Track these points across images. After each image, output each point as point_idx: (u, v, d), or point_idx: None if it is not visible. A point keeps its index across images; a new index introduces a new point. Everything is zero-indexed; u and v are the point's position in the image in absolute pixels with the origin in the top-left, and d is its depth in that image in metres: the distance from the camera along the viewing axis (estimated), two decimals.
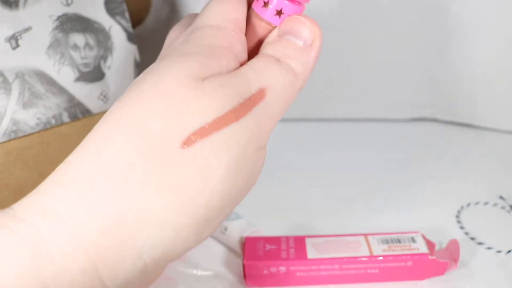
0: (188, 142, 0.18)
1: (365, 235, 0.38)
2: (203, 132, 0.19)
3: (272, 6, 0.24)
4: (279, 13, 0.24)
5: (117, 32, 0.39)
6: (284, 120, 0.65)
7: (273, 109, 0.22)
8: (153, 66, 0.21)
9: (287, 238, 0.38)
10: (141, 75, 0.21)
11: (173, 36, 0.25)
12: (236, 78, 0.21)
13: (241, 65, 0.23)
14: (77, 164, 0.19)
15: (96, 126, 0.20)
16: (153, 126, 0.18)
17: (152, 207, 0.18)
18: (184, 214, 0.19)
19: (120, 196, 0.18)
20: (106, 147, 0.18)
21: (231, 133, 0.19)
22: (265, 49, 0.24)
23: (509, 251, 0.40)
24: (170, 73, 0.20)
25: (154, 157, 0.18)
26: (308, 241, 0.38)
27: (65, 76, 0.36)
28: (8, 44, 0.33)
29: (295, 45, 0.23)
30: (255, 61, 0.22)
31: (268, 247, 0.37)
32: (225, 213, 0.21)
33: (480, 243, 0.41)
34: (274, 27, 0.25)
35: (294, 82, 0.23)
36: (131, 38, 0.40)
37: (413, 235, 0.38)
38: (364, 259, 0.36)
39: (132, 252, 0.18)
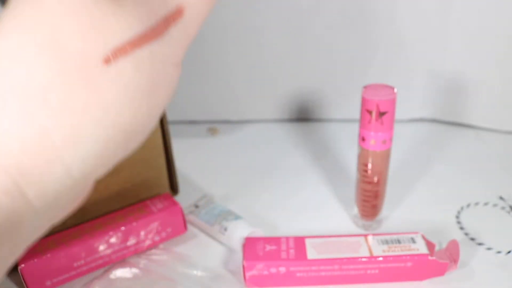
0: (109, 58, 0.18)
1: (365, 235, 0.38)
2: (125, 49, 0.19)
3: None
4: None
5: None
6: (284, 120, 0.65)
7: (190, 25, 0.21)
8: None
9: (287, 238, 0.39)
10: None
11: None
12: None
13: None
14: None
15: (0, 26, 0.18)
16: (71, 45, 0.18)
17: (79, 125, 0.18)
18: (112, 128, 0.19)
19: (41, 116, 0.17)
20: (20, 64, 0.18)
21: (152, 50, 0.19)
22: None
23: (509, 252, 0.40)
24: None
25: (76, 75, 0.18)
26: (308, 242, 0.38)
27: None
28: None
29: None
30: None
31: (268, 247, 0.37)
32: (150, 124, 0.21)
33: (480, 244, 0.41)
34: None
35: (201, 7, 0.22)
36: None
37: (413, 235, 0.38)
38: (364, 259, 0.36)
39: (59, 169, 0.18)
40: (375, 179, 0.40)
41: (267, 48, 0.60)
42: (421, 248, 0.37)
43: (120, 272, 0.39)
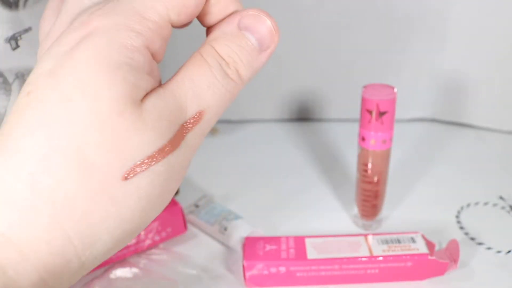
0: (129, 176, 0.19)
1: (365, 235, 0.38)
2: (143, 165, 0.19)
3: None
4: None
5: None
6: (284, 120, 0.65)
7: (206, 127, 0.21)
8: (79, 73, 0.18)
9: (287, 238, 0.39)
10: (65, 85, 0.18)
11: (47, 26, 0.23)
12: (172, 99, 0.20)
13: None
14: (15, 186, 0.18)
15: (19, 129, 0.18)
16: (94, 159, 0.18)
17: (97, 234, 0.19)
18: (123, 233, 0.20)
19: (66, 224, 0.18)
20: (48, 172, 0.18)
21: (167, 163, 0.20)
22: (217, 42, 0.21)
23: (509, 251, 0.40)
24: (104, 95, 0.18)
25: (97, 189, 0.18)
26: (308, 241, 0.38)
27: None
28: (8, 45, 0.33)
29: (251, 47, 0.21)
30: (198, 73, 0.20)
31: (268, 247, 0.37)
32: (155, 216, 0.22)
33: (480, 243, 0.41)
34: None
35: (235, 90, 0.22)
36: None
37: (413, 235, 0.38)
38: (364, 259, 0.36)
39: (76, 265, 0.19)
40: (375, 179, 0.40)
41: None
42: (421, 248, 0.37)
43: (120, 272, 0.39)
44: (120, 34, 0.19)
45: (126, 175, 0.19)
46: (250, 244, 0.38)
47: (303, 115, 0.65)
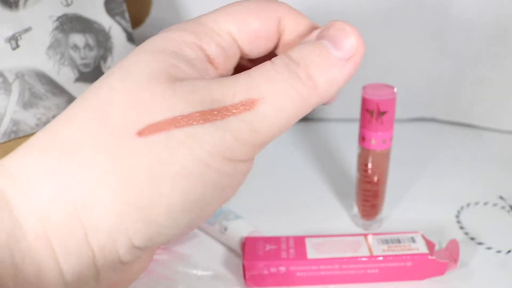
0: (143, 132, 0.18)
1: (365, 235, 0.38)
2: (160, 126, 0.18)
3: None
4: None
5: (117, 32, 0.39)
6: None
7: (263, 124, 0.19)
8: (123, 59, 0.20)
9: (287, 238, 0.39)
10: (110, 69, 0.20)
11: None
12: (217, 84, 0.19)
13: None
14: (41, 140, 0.19)
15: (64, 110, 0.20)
16: (112, 113, 0.18)
17: (95, 190, 0.18)
18: (127, 203, 0.18)
19: (69, 169, 0.18)
20: (64, 125, 0.19)
21: (193, 134, 0.18)
22: (292, 49, 0.20)
23: (509, 251, 0.40)
24: (138, 68, 0.19)
25: (108, 142, 0.18)
26: (308, 241, 0.38)
27: (65, 77, 0.36)
28: (8, 45, 0.33)
29: (328, 54, 0.20)
30: (259, 67, 0.19)
31: (268, 247, 0.37)
32: (187, 218, 0.19)
33: (480, 243, 0.41)
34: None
35: (308, 97, 0.19)
36: (131, 38, 0.40)
37: (413, 235, 0.38)
38: (364, 259, 0.36)
39: (78, 229, 0.18)
40: (375, 178, 0.40)
41: None
42: (421, 247, 0.37)
43: None
44: (174, 33, 0.20)
45: (141, 132, 0.18)
46: (250, 244, 0.38)
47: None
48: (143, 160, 0.18)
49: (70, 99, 0.36)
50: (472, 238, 0.41)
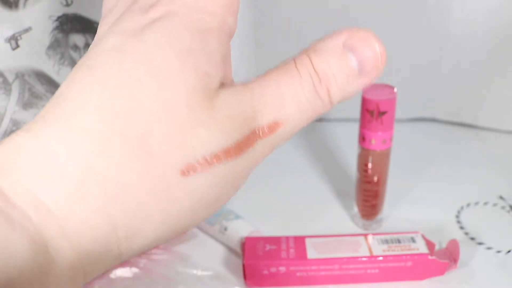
0: (188, 170, 0.17)
1: (365, 235, 0.38)
2: (205, 163, 0.17)
3: None
4: None
5: None
6: None
7: (278, 140, 0.19)
8: (132, 52, 0.17)
9: (287, 238, 0.39)
10: (129, 63, 0.17)
11: (112, 2, 0.20)
12: (248, 99, 0.18)
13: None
14: (68, 163, 0.17)
15: (81, 105, 0.17)
16: (156, 150, 0.17)
17: (142, 229, 0.18)
18: (168, 233, 0.19)
19: (114, 212, 0.17)
20: (101, 155, 0.17)
21: (230, 167, 0.18)
22: (316, 55, 0.19)
23: (509, 251, 0.40)
24: (172, 79, 0.17)
25: (154, 182, 0.17)
26: (308, 241, 0.38)
27: (65, 77, 0.36)
28: (8, 45, 0.33)
29: (351, 70, 0.19)
30: (286, 77, 0.19)
31: (268, 247, 0.37)
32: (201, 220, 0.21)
33: (480, 243, 0.41)
34: None
35: (320, 110, 0.20)
36: None
37: (413, 235, 0.38)
38: (364, 259, 0.36)
39: (115, 255, 0.18)
40: (375, 178, 0.40)
41: (267, 47, 0.60)
42: (421, 247, 0.37)
43: (120, 272, 0.39)
44: (193, 16, 0.18)
45: (186, 171, 0.17)
46: (250, 244, 0.38)
47: None
48: (187, 200, 0.18)
49: None
50: (472, 238, 0.41)
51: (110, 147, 0.17)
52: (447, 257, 0.37)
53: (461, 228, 0.43)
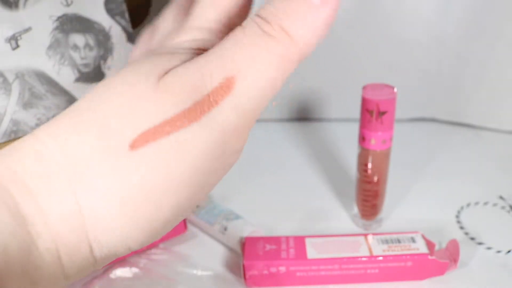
0: (135, 144, 0.17)
1: (365, 235, 0.38)
2: (149, 136, 0.17)
3: None
4: None
5: (117, 32, 0.39)
6: (284, 120, 0.65)
7: (248, 101, 0.18)
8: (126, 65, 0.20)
9: (287, 238, 0.39)
10: (114, 74, 0.20)
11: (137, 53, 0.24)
12: (193, 67, 0.18)
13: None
14: (52, 148, 0.18)
15: (68, 110, 0.19)
16: (111, 124, 0.18)
17: (102, 208, 0.18)
18: (129, 218, 0.18)
19: (77, 186, 0.18)
20: (72, 134, 0.18)
21: (181, 140, 0.17)
22: (261, 6, 0.18)
23: (509, 251, 0.40)
24: (133, 73, 0.19)
25: (109, 156, 0.17)
26: (308, 241, 0.38)
27: (65, 77, 0.36)
28: (8, 45, 0.33)
29: (299, 0, 0.18)
30: (231, 35, 0.18)
31: (268, 247, 0.37)
32: (179, 216, 0.20)
33: (480, 243, 0.41)
34: None
35: (287, 54, 0.18)
36: (131, 38, 0.40)
37: (413, 235, 0.38)
38: (364, 259, 0.36)
39: (86, 247, 0.18)
40: (375, 178, 0.40)
41: None
42: (421, 247, 0.37)
43: (120, 272, 0.39)
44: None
45: (132, 145, 0.17)
46: (250, 244, 0.38)
47: (303, 115, 0.65)
48: (138, 173, 0.17)
49: (70, 99, 0.36)
50: (472, 238, 0.41)
51: (80, 123, 0.18)
52: (447, 257, 0.37)
53: (461, 228, 0.43)
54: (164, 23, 0.24)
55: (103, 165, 0.18)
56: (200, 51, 0.20)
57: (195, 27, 0.21)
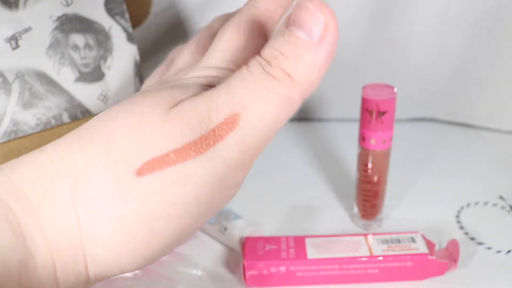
0: (140, 172, 0.18)
1: (365, 235, 0.38)
2: (155, 164, 0.18)
3: None
4: None
5: (117, 32, 0.39)
6: None
7: (251, 138, 0.18)
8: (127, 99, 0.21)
9: (287, 238, 0.39)
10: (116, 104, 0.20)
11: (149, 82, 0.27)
12: (201, 101, 0.19)
13: None
14: (56, 164, 0.19)
15: (73, 134, 0.19)
16: (119, 149, 0.18)
17: (101, 229, 0.18)
18: (126, 242, 0.18)
19: (78, 203, 0.18)
20: (78, 152, 0.18)
21: (185, 171, 0.18)
22: (264, 46, 0.19)
23: (509, 251, 0.40)
24: (145, 100, 0.19)
25: (113, 179, 0.18)
26: (308, 241, 0.38)
27: (65, 77, 0.36)
28: (8, 45, 0.33)
29: (297, 41, 0.18)
30: (237, 74, 0.19)
31: (268, 247, 0.37)
32: (176, 243, 0.20)
33: (480, 243, 0.41)
34: None
35: (290, 94, 0.18)
36: (131, 38, 0.40)
37: (413, 235, 0.38)
38: (364, 259, 0.36)
39: (82, 266, 0.18)
40: (375, 178, 0.40)
41: None
42: (421, 247, 0.37)
43: None
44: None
45: (137, 172, 0.18)
46: (250, 244, 0.38)
47: (303, 115, 0.65)
48: (140, 200, 0.18)
49: (70, 99, 0.36)
50: (472, 238, 0.41)
51: (86, 147, 0.18)
52: (447, 257, 0.37)
53: (461, 228, 0.43)
54: (181, 58, 0.25)
55: (107, 188, 0.18)
56: (211, 87, 0.20)
57: (211, 66, 0.21)
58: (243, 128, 0.18)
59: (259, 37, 0.22)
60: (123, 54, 0.39)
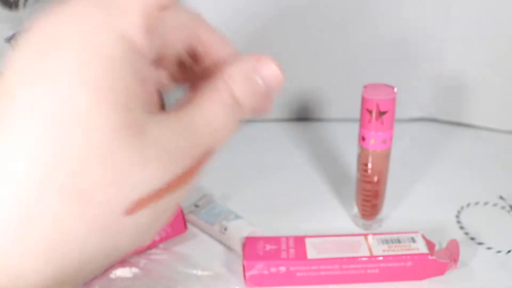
0: (130, 211, 0.17)
1: (365, 235, 0.38)
2: (145, 202, 0.18)
3: None
4: None
5: None
6: (284, 120, 0.65)
7: (209, 159, 0.20)
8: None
9: (287, 238, 0.39)
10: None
11: None
12: (182, 134, 0.19)
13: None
14: (6, 211, 0.16)
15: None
16: (94, 194, 0.17)
17: (84, 266, 0.18)
18: (108, 261, 0.19)
19: (59, 260, 0.17)
20: (46, 210, 0.16)
21: (171, 199, 0.19)
22: (235, 84, 0.21)
23: (509, 251, 0.40)
24: (99, 120, 0.16)
25: (96, 224, 0.17)
26: (308, 241, 0.38)
27: None
28: (8, 45, 0.33)
29: (257, 85, 0.22)
30: (211, 109, 0.20)
31: (268, 247, 0.37)
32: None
33: (480, 243, 0.41)
34: None
35: (238, 125, 0.21)
36: None
37: (413, 235, 0.38)
38: (364, 259, 0.36)
39: None
40: (375, 178, 0.40)
41: (267, 47, 0.60)
42: (421, 247, 0.37)
43: (120, 272, 0.39)
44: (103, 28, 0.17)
45: (127, 211, 0.17)
46: (250, 244, 0.38)
47: (303, 115, 0.65)
48: (131, 232, 0.18)
49: None
50: (472, 238, 0.41)
51: (45, 197, 0.16)
52: (447, 257, 0.37)
53: (461, 228, 0.43)
54: None
55: (90, 235, 0.17)
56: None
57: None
58: (212, 154, 0.20)
59: None
60: None
